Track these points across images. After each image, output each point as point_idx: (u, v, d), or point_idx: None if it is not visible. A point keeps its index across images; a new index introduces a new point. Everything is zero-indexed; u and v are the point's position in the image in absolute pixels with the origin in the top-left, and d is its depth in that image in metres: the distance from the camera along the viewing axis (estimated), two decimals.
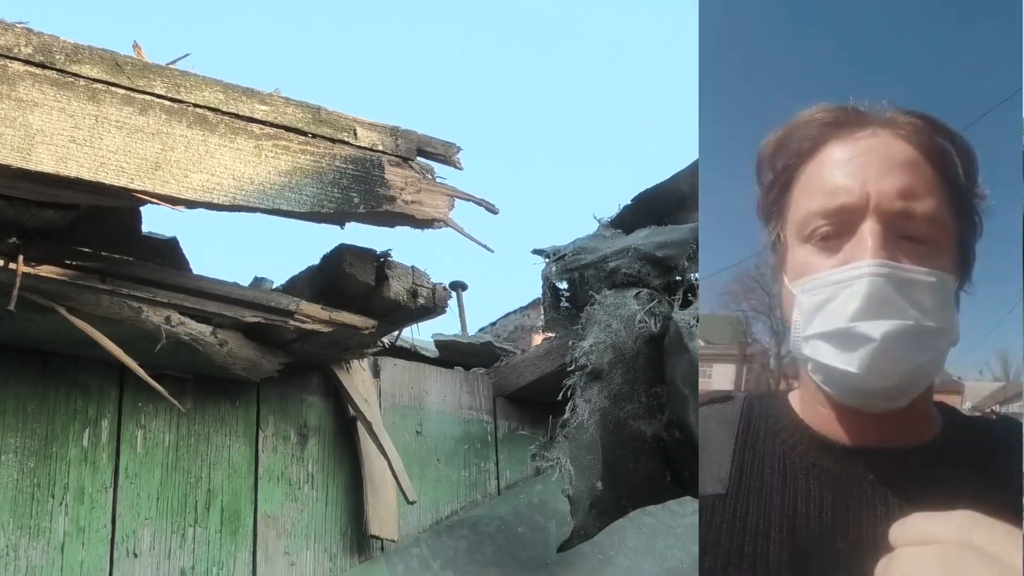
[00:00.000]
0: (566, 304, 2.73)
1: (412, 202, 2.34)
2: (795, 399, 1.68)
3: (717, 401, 1.73)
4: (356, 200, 2.28)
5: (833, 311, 1.52)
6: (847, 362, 1.50)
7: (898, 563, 1.24)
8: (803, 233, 1.58)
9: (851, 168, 1.55)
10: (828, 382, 1.56)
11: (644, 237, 2.68)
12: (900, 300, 1.49)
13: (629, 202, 2.88)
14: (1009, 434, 1.63)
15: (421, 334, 2.94)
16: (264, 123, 2.21)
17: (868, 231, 1.50)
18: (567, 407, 2.46)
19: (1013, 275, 1.70)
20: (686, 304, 2.52)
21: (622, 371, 2.50)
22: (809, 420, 1.62)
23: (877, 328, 1.48)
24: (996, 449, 1.59)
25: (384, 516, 2.59)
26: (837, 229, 1.54)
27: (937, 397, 1.65)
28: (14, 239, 2.08)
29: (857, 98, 1.64)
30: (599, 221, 2.87)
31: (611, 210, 2.88)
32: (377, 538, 2.59)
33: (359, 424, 2.64)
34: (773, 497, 1.53)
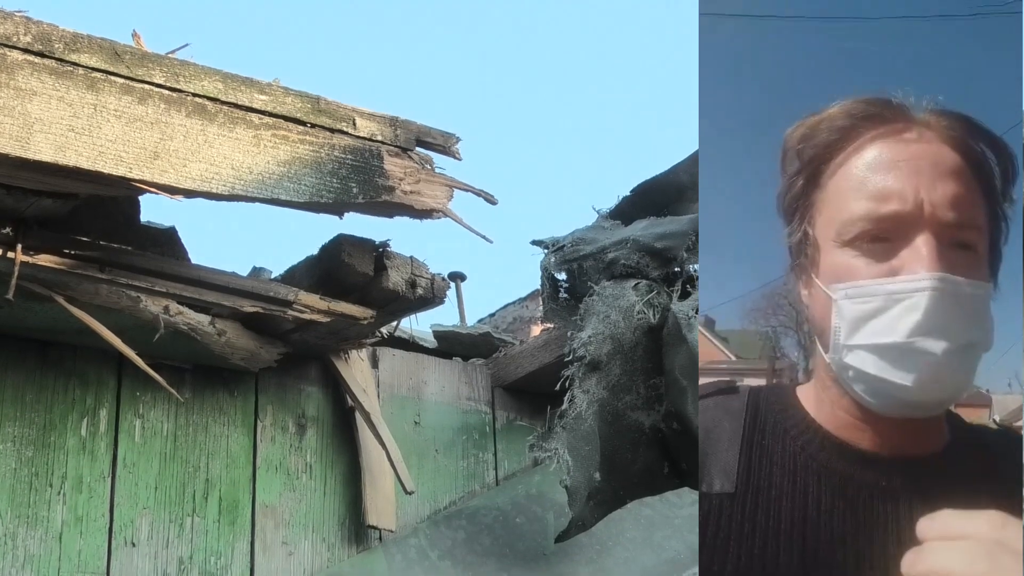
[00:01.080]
0: (565, 295, 2.73)
1: (411, 192, 2.34)
2: (806, 396, 1.62)
3: (720, 393, 1.67)
4: (355, 190, 2.28)
5: (887, 323, 1.47)
6: (902, 376, 1.46)
7: (929, 556, 1.25)
8: (844, 236, 1.51)
9: (902, 173, 1.49)
10: (873, 393, 1.50)
11: (643, 228, 2.68)
12: (959, 314, 1.45)
13: (628, 193, 2.88)
14: (1008, 444, 1.62)
15: (420, 325, 2.94)
16: (263, 113, 2.21)
17: (924, 242, 1.45)
18: (565, 398, 2.47)
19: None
20: (685, 295, 2.53)
21: (620, 362, 2.50)
22: (824, 421, 1.57)
23: (938, 345, 1.44)
24: (997, 459, 1.57)
25: (382, 506, 2.60)
26: (885, 235, 1.48)
27: (966, 410, 1.67)
28: (12, 228, 2.08)
29: (896, 93, 1.58)
30: (598, 212, 2.87)
31: (610, 201, 2.88)
32: (375, 528, 2.59)
33: (357, 414, 2.64)
34: (782, 499, 1.49)
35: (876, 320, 1.47)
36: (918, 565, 1.25)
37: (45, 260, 2.11)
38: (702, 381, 2.01)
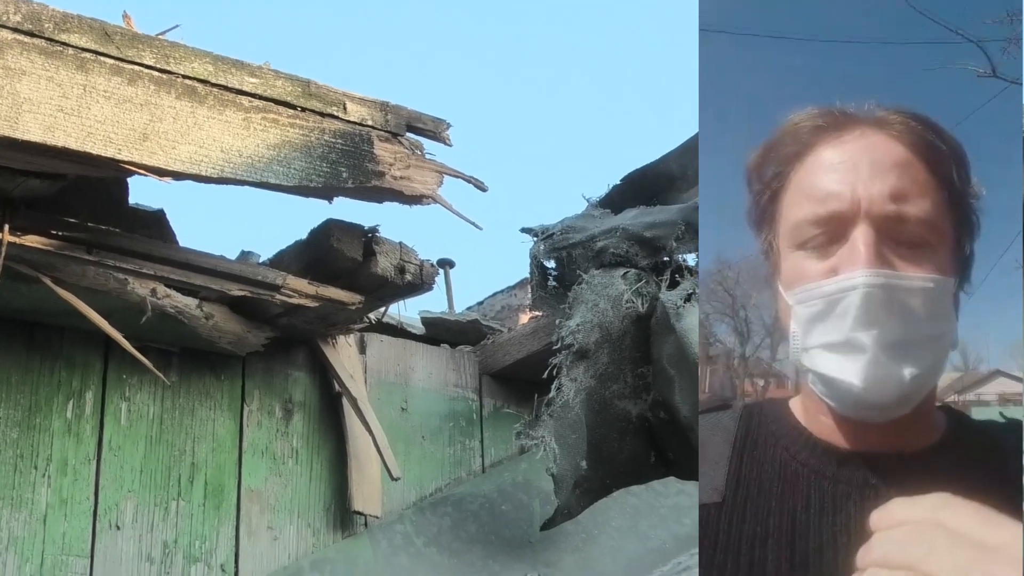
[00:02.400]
0: (553, 283, 2.74)
1: (401, 178, 2.34)
2: (796, 407, 1.61)
3: (715, 410, 1.69)
4: (344, 175, 2.28)
5: (830, 323, 1.47)
6: (849, 374, 1.45)
7: (871, 547, 1.24)
8: (795, 241, 1.53)
9: (840, 172, 1.50)
10: (830, 395, 1.50)
11: (632, 217, 2.68)
12: (896, 309, 1.44)
13: (618, 182, 2.89)
14: (1013, 437, 1.57)
15: (408, 311, 2.95)
16: (253, 96, 2.21)
17: (860, 238, 1.44)
18: (553, 386, 2.47)
19: (980, 262, 1.62)
20: (673, 285, 2.53)
21: (608, 351, 2.51)
22: (811, 428, 1.56)
23: (873, 340, 1.44)
24: (1001, 452, 1.54)
25: (368, 492, 2.60)
26: (829, 236, 1.48)
27: None
28: (0, 208, 2.08)
29: (844, 100, 1.59)
30: (588, 200, 2.88)
31: (600, 190, 2.89)
32: (361, 514, 2.60)
33: (344, 400, 2.65)
34: (771, 503, 1.49)
35: (822, 321, 1.48)
36: (864, 558, 1.25)
37: (32, 241, 2.11)
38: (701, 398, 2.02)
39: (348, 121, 2.32)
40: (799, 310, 1.51)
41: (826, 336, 1.48)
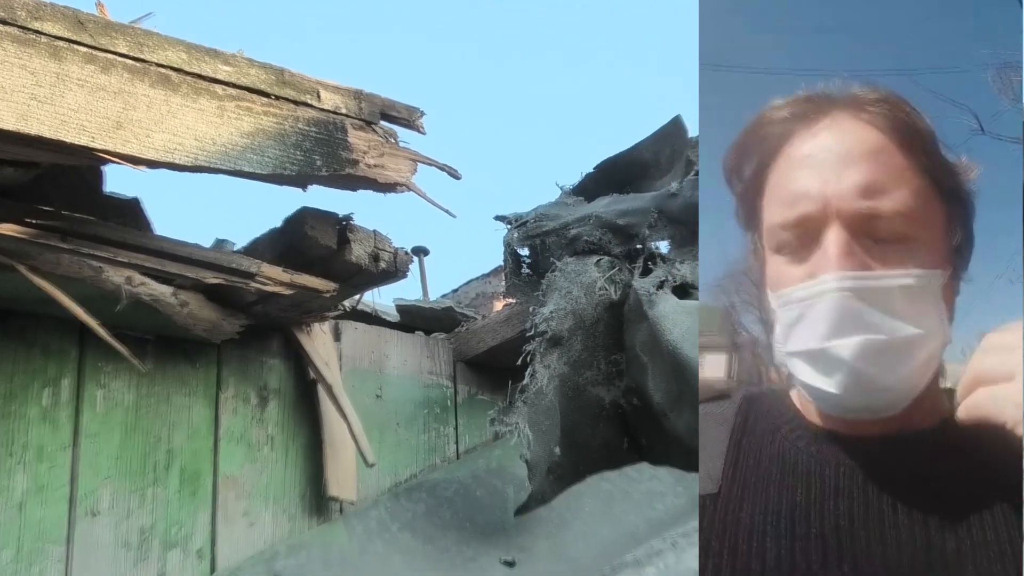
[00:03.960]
0: (527, 271, 2.75)
1: (375, 166, 2.35)
2: (796, 397, 1.55)
3: (714, 399, 1.62)
4: (318, 163, 2.28)
5: (805, 330, 1.40)
6: (827, 383, 1.39)
7: (969, 369, 1.25)
8: (772, 245, 1.47)
9: (808, 169, 1.41)
10: (817, 400, 1.45)
11: (606, 205, 2.69)
12: (871, 313, 1.36)
13: (591, 170, 2.90)
14: None
15: (382, 298, 2.96)
16: (227, 84, 2.21)
17: (832, 240, 1.37)
18: (527, 373, 2.48)
19: (993, 252, 1.50)
20: (646, 272, 2.54)
21: (582, 338, 2.51)
22: (809, 416, 1.50)
23: (846, 349, 1.36)
24: (1000, 435, 1.36)
25: (343, 478, 2.61)
26: (802, 240, 1.41)
27: None
28: None
29: (811, 82, 1.49)
30: (561, 188, 2.89)
31: (574, 178, 2.90)
32: (336, 500, 2.60)
33: (319, 387, 2.65)
34: (770, 491, 1.42)
35: (798, 327, 1.42)
36: (965, 383, 1.25)
37: (6, 229, 2.10)
38: (700, 388, 1.96)
39: (322, 109, 2.32)
40: (780, 314, 1.45)
41: (803, 343, 1.41)
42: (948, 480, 1.36)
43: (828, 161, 1.40)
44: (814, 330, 1.38)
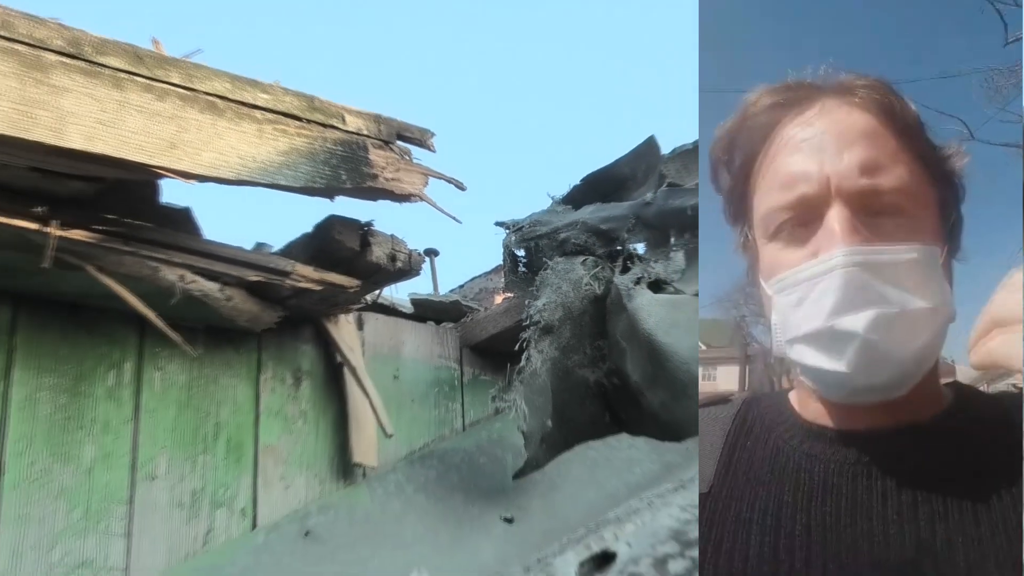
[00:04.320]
0: (523, 269, 2.74)
1: (392, 180, 2.35)
2: (794, 398, 1.37)
3: (713, 403, 1.44)
4: (344, 177, 2.28)
5: (810, 310, 1.21)
6: (834, 363, 1.20)
7: (987, 311, 1.08)
8: (768, 231, 1.28)
9: (805, 152, 1.24)
10: (819, 385, 1.27)
11: (590, 212, 2.69)
12: (880, 286, 1.18)
13: (578, 182, 2.90)
14: (1016, 409, 1.26)
15: (399, 293, 2.95)
16: (265, 110, 2.21)
17: (834, 217, 1.19)
18: (523, 357, 2.48)
19: (1006, 244, 1.31)
20: (625, 270, 2.54)
21: (570, 327, 2.51)
22: (807, 415, 1.32)
23: (858, 322, 1.17)
24: (1006, 426, 1.23)
25: (366, 447, 2.61)
26: (802, 220, 1.24)
27: None
28: (48, 207, 2.08)
29: (798, 70, 1.32)
30: (552, 198, 2.88)
31: (563, 189, 2.89)
32: (360, 466, 2.60)
33: (345, 369, 2.65)
34: (758, 489, 1.25)
35: (801, 308, 1.23)
36: (983, 323, 1.09)
37: (77, 235, 2.10)
38: (701, 392, 1.73)
39: (347, 131, 2.32)
40: (778, 300, 1.26)
41: (809, 324, 1.22)
42: (944, 473, 1.20)
43: (826, 142, 1.24)
44: (821, 307, 1.20)
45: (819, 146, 1.23)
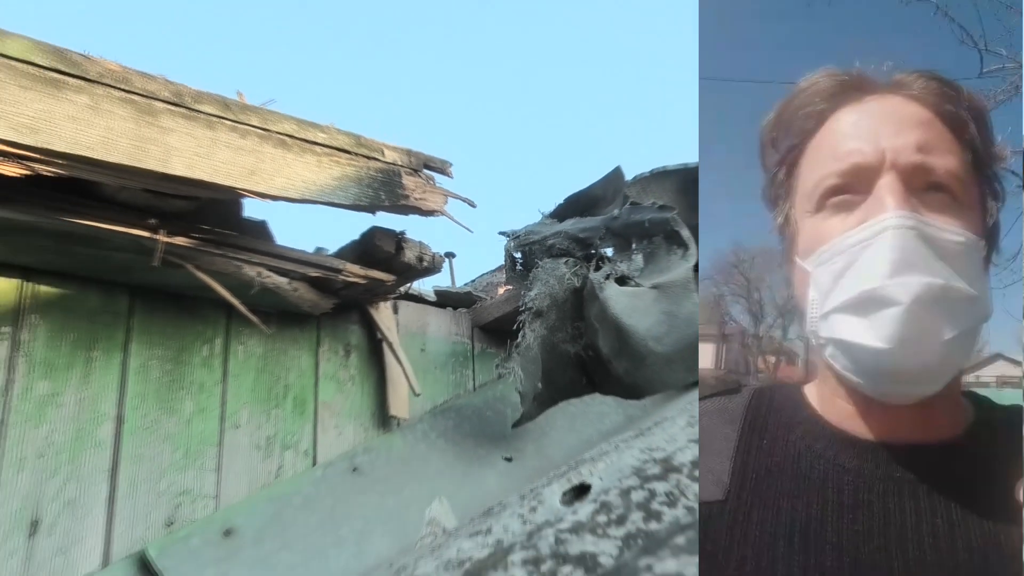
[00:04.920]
0: (520, 268, 2.75)
1: (419, 199, 2.35)
2: (812, 393, 1.05)
3: (719, 394, 1.10)
4: (383, 197, 2.29)
5: (854, 276, 0.94)
6: (874, 336, 0.91)
7: None
8: (813, 202, 1.01)
9: (861, 130, 1.00)
10: (853, 366, 0.95)
11: (571, 224, 2.70)
12: (930, 257, 0.91)
13: (562, 201, 2.90)
14: None
15: (424, 286, 2.95)
16: (323, 145, 2.21)
17: (886, 186, 0.94)
18: (519, 334, 2.49)
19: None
20: (597, 268, 2.55)
21: (555, 312, 2.52)
22: (828, 415, 1.01)
23: (907, 288, 0.90)
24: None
25: (400, 403, 2.62)
26: (852, 188, 0.98)
27: None
28: (158, 220, 2.08)
29: (863, 63, 1.07)
30: (542, 213, 2.89)
31: (550, 206, 2.90)
32: (395, 418, 2.61)
33: (384, 343, 2.65)
34: (781, 501, 0.94)
35: (845, 278, 0.95)
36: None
37: (180, 241, 2.11)
38: (701, 383, 1.40)
39: (385, 162, 2.32)
40: (819, 272, 0.98)
41: (847, 292, 0.94)
42: (971, 494, 0.93)
43: (885, 124, 1.00)
44: (870, 270, 0.93)
45: (876, 125, 1.00)
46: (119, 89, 1.92)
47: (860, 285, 0.93)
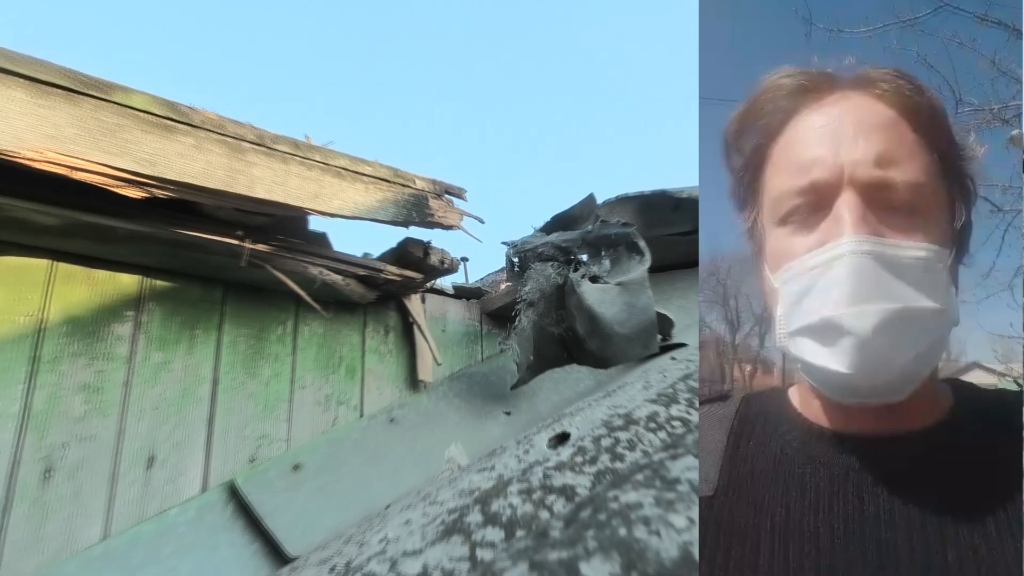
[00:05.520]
0: (517, 269, 2.75)
1: (442, 217, 2.36)
2: (794, 395, 0.87)
3: (712, 401, 0.92)
4: (414, 215, 2.29)
5: (813, 301, 0.75)
6: (836, 361, 0.73)
7: None
8: (778, 216, 0.79)
9: (821, 137, 0.77)
10: (820, 384, 0.77)
11: (556, 236, 2.70)
12: (888, 281, 0.72)
13: (550, 219, 2.90)
14: (1017, 407, 0.79)
15: (445, 282, 2.95)
16: (369, 176, 2.22)
17: (845, 205, 0.74)
18: (516, 320, 2.49)
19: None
20: (576, 270, 2.55)
21: (543, 303, 2.52)
22: (808, 414, 0.83)
23: (863, 318, 0.71)
24: (1014, 422, 0.76)
25: (425, 370, 2.62)
26: (812, 207, 0.77)
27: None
28: (244, 232, 2.09)
29: (822, 59, 0.82)
30: (534, 228, 2.89)
31: (541, 222, 2.90)
32: (422, 382, 2.62)
33: (414, 326, 2.66)
34: (765, 495, 0.78)
35: (806, 299, 0.75)
36: None
37: (260, 247, 2.11)
38: (700, 390, 1.21)
39: (416, 189, 2.33)
40: (784, 291, 0.78)
41: (814, 314, 0.75)
42: (945, 483, 0.74)
43: (842, 130, 0.77)
44: (827, 297, 0.73)
45: (836, 133, 0.78)
46: (216, 133, 1.93)
47: (819, 311, 0.74)
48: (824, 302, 0.73)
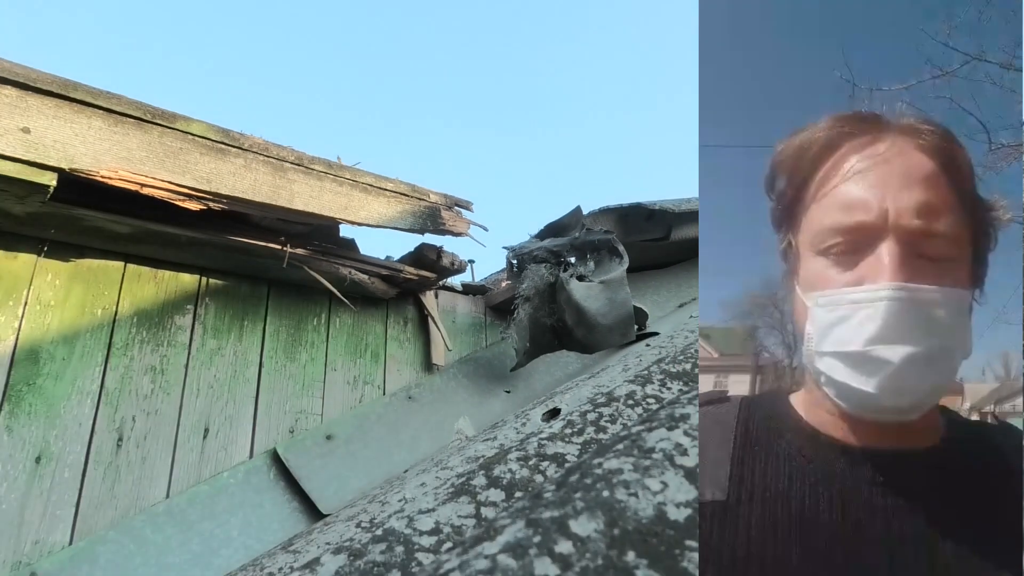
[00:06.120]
0: (515, 269, 2.76)
1: (452, 226, 2.36)
2: (798, 401, 0.79)
3: (712, 403, 0.82)
4: (429, 224, 2.30)
5: (849, 332, 0.70)
6: (865, 383, 0.70)
7: None
8: (818, 247, 0.74)
9: (869, 181, 0.72)
10: (842, 397, 0.72)
11: (549, 242, 2.70)
12: (918, 323, 0.69)
13: (543, 227, 2.90)
14: (1008, 439, 0.76)
15: (455, 281, 2.96)
16: (390, 191, 2.22)
17: (886, 251, 0.70)
18: (515, 312, 2.50)
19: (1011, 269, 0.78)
20: (565, 270, 2.56)
21: (538, 298, 2.53)
22: (815, 423, 0.76)
23: (895, 353, 0.68)
24: (996, 454, 0.74)
25: (438, 355, 2.63)
26: (854, 246, 0.72)
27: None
28: (285, 238, 2.09)
29: (873, 104, 0.76)
30: (530, 234, 2.89)
31: (536, 230, 2.90)
32: (436, 365, 2.62)
33: (429, 317, 2.67)
34: (777, 503, 0.70)
35: (840, 328, 0.71)
36: None
37: (299, 251, 2.12)
38: (700, 389, 1.06)
39: (430, 202, 2.33)
40: (818, 313, 0.73)
41: (842, 344, 0.71)
42: (945, 502, 0.69)
43: (891, 177, 0.72)
44: (861, 332, 0.70)
45: (883, 179, 0.72)
46: (262, 155, 1.94)
47: (852, 343, 0.70)
48: (859, 335, 0.70)
